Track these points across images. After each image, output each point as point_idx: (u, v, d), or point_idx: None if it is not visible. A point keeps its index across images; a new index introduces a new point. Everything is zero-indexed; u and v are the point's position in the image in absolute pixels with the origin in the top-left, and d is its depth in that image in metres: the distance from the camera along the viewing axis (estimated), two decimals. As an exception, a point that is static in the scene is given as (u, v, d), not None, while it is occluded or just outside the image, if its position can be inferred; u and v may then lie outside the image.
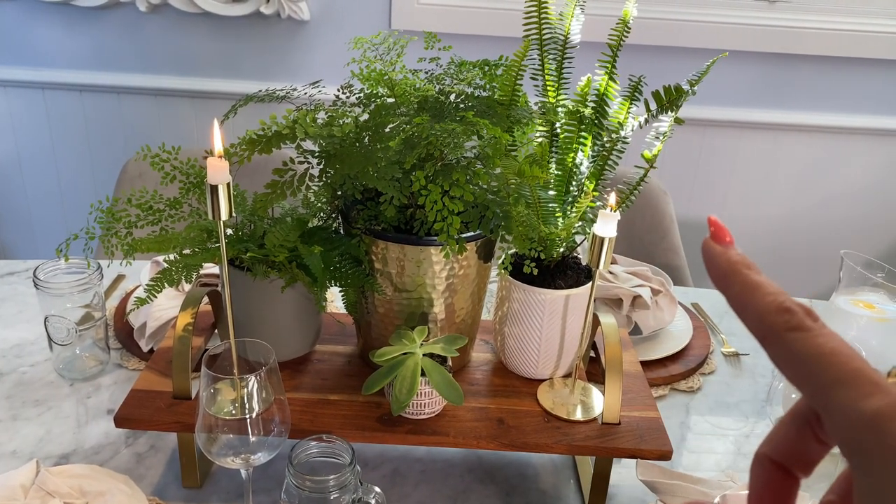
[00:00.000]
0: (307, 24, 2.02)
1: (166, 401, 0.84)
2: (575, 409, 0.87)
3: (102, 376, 1.07)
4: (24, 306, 1.23)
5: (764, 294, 0.33)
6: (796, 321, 0.32)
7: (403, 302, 0.87)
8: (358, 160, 0.79)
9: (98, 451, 0.93)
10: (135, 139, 2.17)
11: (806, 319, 0.32)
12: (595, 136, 0.90)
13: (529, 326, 0.90)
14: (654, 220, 1.73)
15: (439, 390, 0.81)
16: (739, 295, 0.34)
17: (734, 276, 0.35)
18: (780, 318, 0.32)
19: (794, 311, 0.32)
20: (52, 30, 2.05)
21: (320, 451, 0.75)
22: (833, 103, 2.12)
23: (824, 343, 0.31)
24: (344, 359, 0.95)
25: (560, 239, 0.89)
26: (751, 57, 2.04)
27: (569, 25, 0.89)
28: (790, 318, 0.32)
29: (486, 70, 0.89)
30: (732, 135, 2.16)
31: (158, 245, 0.84)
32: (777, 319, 0.32)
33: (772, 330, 0.32)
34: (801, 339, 0.31)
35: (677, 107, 0.85)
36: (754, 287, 0.34)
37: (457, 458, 0.95)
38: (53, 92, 2.12)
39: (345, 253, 0.85)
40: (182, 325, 0.85)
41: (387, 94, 0.88)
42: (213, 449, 0.74)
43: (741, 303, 0.34)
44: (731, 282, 0.35)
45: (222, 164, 0.68)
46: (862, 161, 2.19)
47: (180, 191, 0.88)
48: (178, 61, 2.08)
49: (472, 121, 0.77)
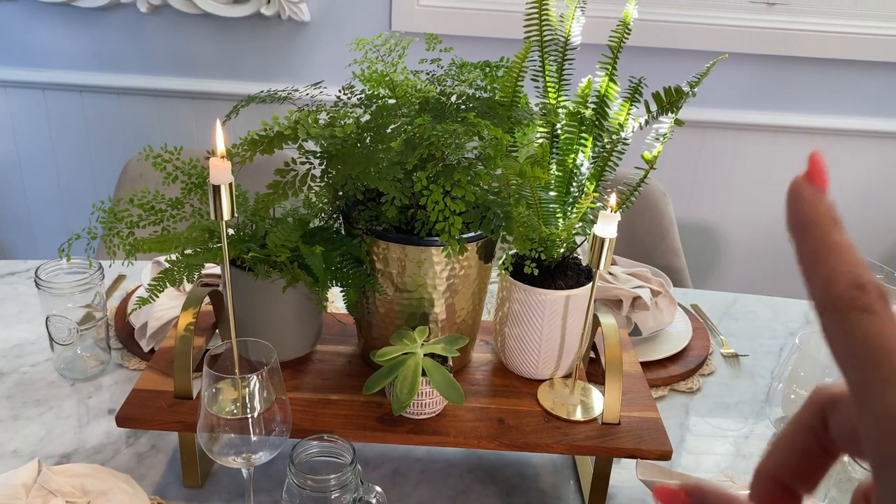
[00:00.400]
0: (307, 25, 2.03)
1: (168, 400, 0.85)
2: (575, 409, 0.88)
3: (103, 376, 1.07)
4: (25, 306, 1.23)
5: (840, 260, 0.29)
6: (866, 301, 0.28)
7: (404, 302, 0.87)
8: (360, 161, 0.79)
9: (99, 451, 0.93)
10: (135, 140, 2.17)
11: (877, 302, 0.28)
12: (595, 138, 0.90)
13: (530, 327, 0.90)
14: (653, 222, 1.74)
15: (440, 390, 0.81)
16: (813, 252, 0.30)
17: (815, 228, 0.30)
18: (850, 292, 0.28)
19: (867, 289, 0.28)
20: (52, 30, 2.05)
21: (321, 451, 0.75)
22: (831, 105, 2.13)
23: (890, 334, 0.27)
24: (345, 359, 0.95)
25: (560, 240, 0.89)
26: (749, 59, 2.05)
27: (569, 27, 0.90)
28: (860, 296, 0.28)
29: (487, 71, 0.90)
30: (731, 136, 2.16)
31: (160, 245, 0.84)
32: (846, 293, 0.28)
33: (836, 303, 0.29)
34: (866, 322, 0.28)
35: (677, 108, 0.85)
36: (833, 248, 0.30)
37: (457, 457, 0.95)
38: (54, 92, 2.12)
39: (346, 253, 0.86)
40: (184, 324, 0.85)
41: (388, 95, 0.88)
42: (215, 448, 0.74)
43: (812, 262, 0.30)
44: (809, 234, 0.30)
45: (225, 165, 0.68)
46: (860, 163, 2.20)
47: (182, 191, 0.88)
48: (178, 62, 2.08)
49: (473, 122, 0.77)
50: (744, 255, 2.33)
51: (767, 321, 1.35)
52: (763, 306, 1.39)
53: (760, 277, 2.35)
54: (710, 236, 2.31)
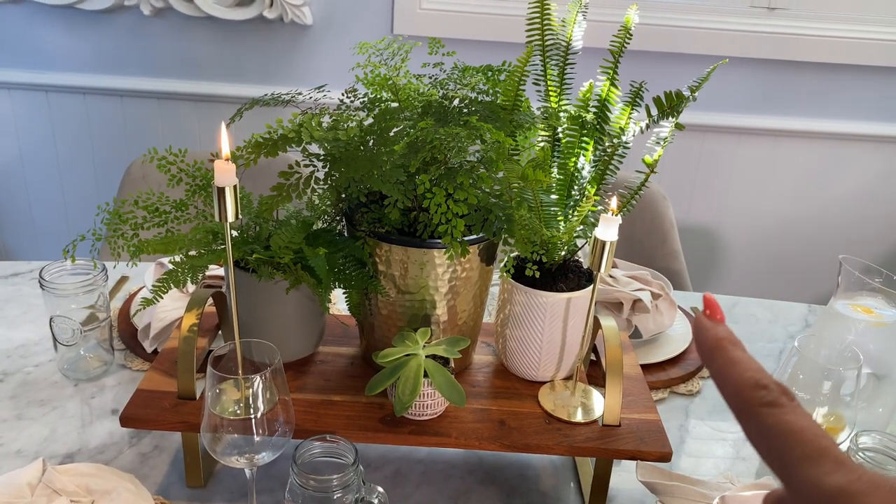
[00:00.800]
0: (310, 28, 2.04)
1: (171, 401, 0.85)
2: (576, 411, 0.88)
3: (106, 377, 1.08)
4: (29, 307, 1.23)
5: (744, 369, 0.36)
6: (771, 397, 0.34)
7: (406, 304, 0.88)
8: (363, 164, 0.80)
9: (102, 451, 0.93)
10: (138, 142, 2.18)
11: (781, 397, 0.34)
12: (597, 141, 0.91)
13: (531, 329, 0.91)
14: (653, 225, 1.74)
15: (442, 392, 0.81)
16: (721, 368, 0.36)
17: (719, 350, 0.37)
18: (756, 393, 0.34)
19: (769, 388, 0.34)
20: (56, 33, 2.06)
21: (324, 451, 0.75)
22: (831, 110, 2.13)
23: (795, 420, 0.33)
24: (347, 360, 0.96)
25: (562, 242, 0.90)
26: (750, 63, 2.06)
27: (571, 32, 0.90)
28: (765, 395, 0.34)
29: (489, 75, 0.90)
30: (731, 140, 2.17)
31: (165, 246, 0.85)
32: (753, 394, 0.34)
33: (747, 404, 0.34)
34: (774, 414, 0.33)
35: (678, 112, 0.86)
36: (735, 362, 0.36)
37: (458, 459, 0.96)
38: (57, 95, 2.13)
39: (349, 255, 0.86)
40: (187, 325, 0.86)
41: (391, 98, 0.89)
42: (218, 448, 0.74)
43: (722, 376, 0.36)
44: (716, 356, 0.37)
45: (229, 167, 0.69)
46: (860, 167, 2.21)
47: (186, 193, 0.89)
48: (181, 65, 2.09)
49: (475, 125, 0.78)
50: (743, 259, 2.34)
51: (767, 324, 1.35)
52: (763, 309, 1.40)
53: (760, 280, 2.35)
54: (710, 239, 2.32)
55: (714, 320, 0.39)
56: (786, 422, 0.33)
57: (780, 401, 0.34)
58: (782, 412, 0.33)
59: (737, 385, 0.35)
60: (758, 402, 0.34)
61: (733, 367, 0.36)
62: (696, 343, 0.39)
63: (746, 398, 0.35)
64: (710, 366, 0.37)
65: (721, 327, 0.38)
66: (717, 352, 0.37)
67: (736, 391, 0.35)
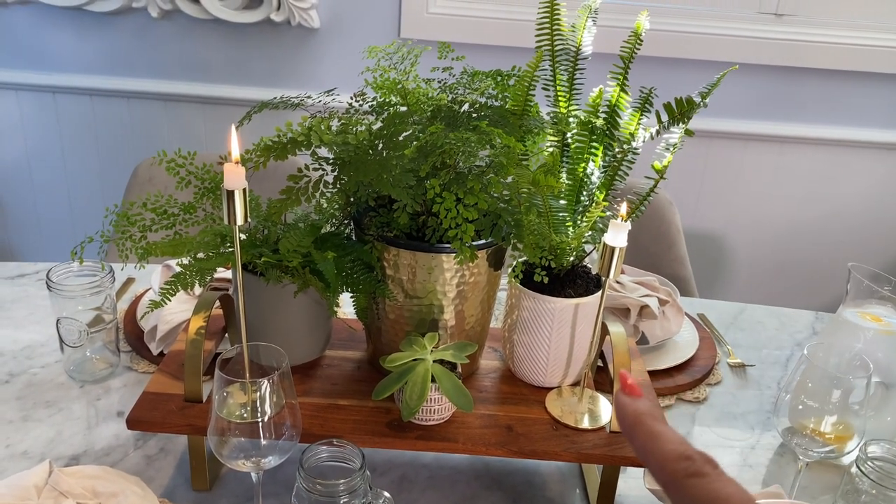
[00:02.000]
0: (317, 31, 2.04)
1: (178, 403, 0.85)
2: (583, 417, 0.88)
3: (112, 379, 1.08)
4: (35, 308, 1.23)
5: (666, 442, 0.36)
6: (695, 468, 0.35)
7: (414, 308, 0.88)
8: (372, 168, 0.80)
9: (108, 453, 0.93)
10: (144, 144, 2.18)
11: (705, 466, 0.35)
12: (606, 147, 0.91)
13: (538, 334, 0.91)
14: (660, 231, 1.74)
15: (449, 397, 0.81)
16: (644, 443, 0.37)
17: (640, 425, 0.38)
18: (681, 464, 0.35)
19: (693, 459, 0.35)
20: (63, 34, 2.07)
21: (330, 456, 0.75)
22: (838, 116, 2.13)
23: (721, 488, 0.34)
24: (354, 364, 0.96)
25: (570, 248, 0.90)
26: (757, 69, 2.05)
27: (581, 37, 0.90)
28: (689, 465, 0.35)
29: (498, 80, 0.90)
30: (738, 146, 2.17)
31: (173, 249, 0.85)
32: (677, 466, 0.35)
33: (673, 476, 0.35)
34: (700, 484, 0.34)
35: (688, 119, 0.85)
36: (657, 436, 0.37)
37: (464, 464, 0.96)
38: (64, 96, 2.14)
39: (357, 259, 0.86)
40: (195, 328, 0.85)
41: (400, 102, 0.89)
42: (225, 452, 0.74)
43: (646, 450, 0.37)
44: (637, 431, 0.37)
45: (239, 170, 0.68)
46: (867, 174, 2.20)
47: (195, 196, 0.89)
48: (188, 67, 2.10)
49: (485, 130, 0.77)
50: (750, 265, 2.33)
51: (774, 331, 1.35)
52: (770, 316, 1.40)
53: (766, 287, 2.35)
54: (717, 246, 2.31)
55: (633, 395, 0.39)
56: (712, 489, 0.33)
57: (705, 470, 0.34)
58: (708, 481, 0.34)
59: (661, 458, 0.36)
60: (683, 474, 0.35)
61: (655, 441, 0.36)
62: (618, 420, 0.39)
63: (671, 470, 0.35)
64: (632, 441, 0.38)
65: (640, 402, 0.39)
66: (638, 427, 0.38)
67: (660, 464, 0.36)
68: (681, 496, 0.35)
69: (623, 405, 0.39)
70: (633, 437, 0.38)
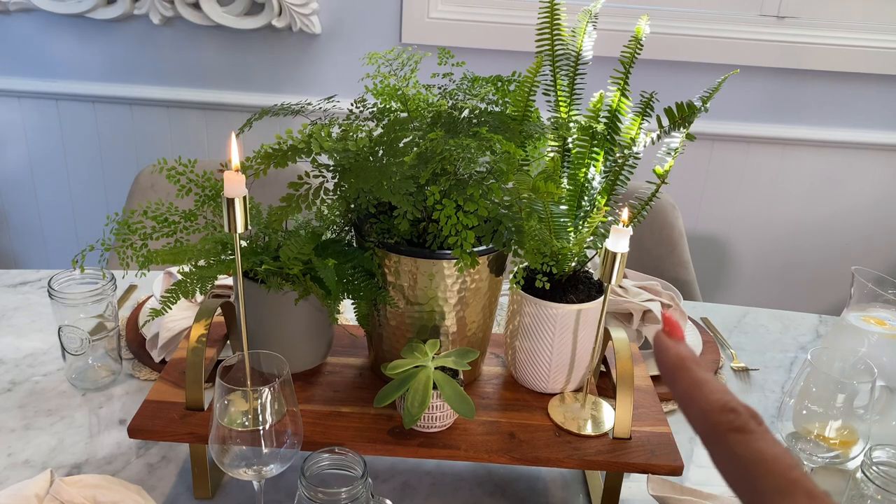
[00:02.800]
0: (318, 37, 2.04)
1: (179, 411, 0.85)
2: (586, 423, 0.88)
3: (114, 386, 1.08)
4: (37, 316, 1.24)
5: (710, 391, 0.34)
6: (740, 422, 0.32)
7: (415, 315, 0.88)
8: (372, 174, 0.80)
9: (110, 461, 0.93)
10: (146, 150, 2.19)
11: (750, 422, 0.32)
12: (607, 152, 0.91)
13: (541, 340, 0.90)
14: (662, 235, 1.73)
15: (451, 404, 0.81)
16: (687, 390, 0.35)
17: (682, 370, 0.35)
18: (725, 416, 0.33)
19: (738, 412, 0.33)
20: (66, 42, 2.07)
21: (332, 464, 0.75)
22: (841, 118, 2.12)
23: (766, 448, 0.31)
24: (355, 371, 0.95)
25: (572, 253, 0.89)
26: (759, 72, 2.05)
27: (581, 41, 0.90)
28: (734, 419, 0.32)
29: (498, 86, 0.90)
30: (740, 149, 2.16)
31: (174, 257, 0.85)
32: (721, 418, 0.33)
33: (715, 428, 0.33)
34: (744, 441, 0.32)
35: (689, 123, 0.85)
36: (701, 383, 0.34)
37: (466, 471, 0.95)
38: (67, 103, 2.14)
39: (358, 266, 0.86)
40: (196, 335, 0.85)
41: (400, 108, 0.89)
42: (226, 460, 0.74)
43: (687, 397, 0.35)
44: (680, 376, 0.35)
45: (239, 178, 0.68)
46: (870, 176, 2.19)
47: (195, 203, 0.89)
48: (190, 73, 2.10)
49: (485, 136, 0.77)
50: (753, 268, 2.33)
51: (778, 335, 1.34)
52: (773, 320, 1.39)
53: (769, 290, 2.34)
54: (720, 249, 2.31)
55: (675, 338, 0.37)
56: (756, 450, 0.31)
57: (750, 426, 0.32)
58: (752, 439, 0.32)
59: (703, 408, 0.34)
60: (726, 427, 0.32)
61: (699, 388, 0.34)
62: (658, 363, 0.37)
63: (714, 422, 0.33)
64: (673, 387, 0.35)
65: (683, 346, 0.36)
66: (681, 372, 0.35)
67: (702, 414, 0.34)
68: (721, 451, 0.32)
69: (666, 347, 0.36)
70: (674, 382, 0.35)
